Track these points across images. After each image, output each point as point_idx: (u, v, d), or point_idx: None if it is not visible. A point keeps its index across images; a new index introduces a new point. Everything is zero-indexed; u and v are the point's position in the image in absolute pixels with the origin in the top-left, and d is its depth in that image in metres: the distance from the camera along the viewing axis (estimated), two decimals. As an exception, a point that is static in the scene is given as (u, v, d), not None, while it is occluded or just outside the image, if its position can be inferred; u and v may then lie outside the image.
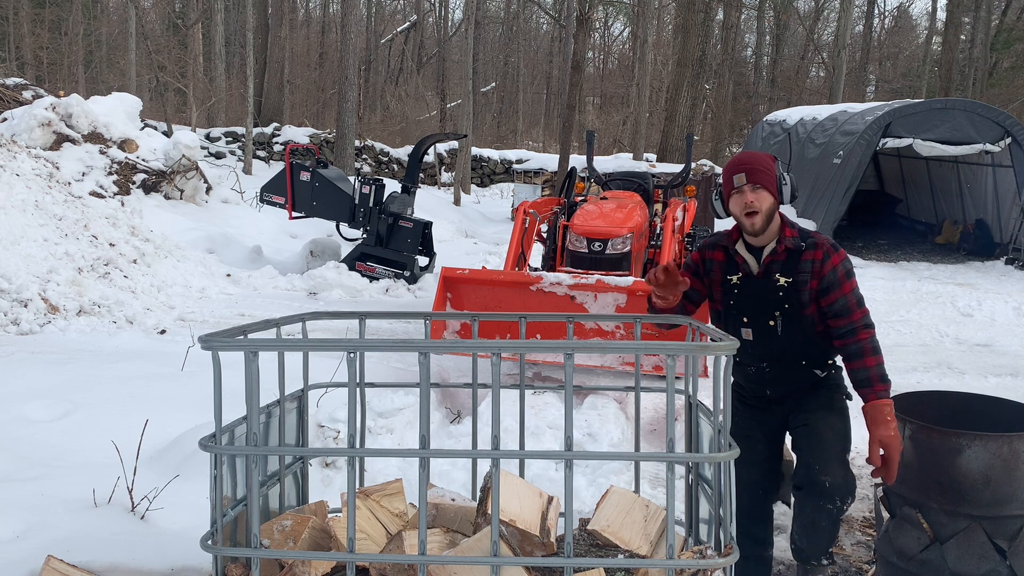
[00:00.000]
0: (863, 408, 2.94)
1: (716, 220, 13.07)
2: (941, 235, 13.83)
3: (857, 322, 2.95)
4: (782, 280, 3.00)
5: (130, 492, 3.30)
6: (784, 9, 31.95)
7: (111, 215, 9.27)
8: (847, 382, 3.09)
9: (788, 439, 3.26)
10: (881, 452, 2.90)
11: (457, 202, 17.27)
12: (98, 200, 9.82)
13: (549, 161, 19.38)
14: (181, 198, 11.53)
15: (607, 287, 5.48)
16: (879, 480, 3.10)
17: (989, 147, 11.82)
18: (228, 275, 9.26)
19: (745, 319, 3.09)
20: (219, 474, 2.28)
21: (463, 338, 5.36)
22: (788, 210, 13.64)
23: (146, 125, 13.90)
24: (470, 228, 14.54)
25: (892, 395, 2.99)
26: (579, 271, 6.05)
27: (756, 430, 3.14)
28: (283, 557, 2.36)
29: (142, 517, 3.23)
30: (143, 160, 11.23)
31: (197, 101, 20.79)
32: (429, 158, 21.46)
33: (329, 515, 2.68)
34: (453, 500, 2.63)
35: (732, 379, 3.11)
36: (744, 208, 2.98)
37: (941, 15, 29.30)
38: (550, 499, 2.44)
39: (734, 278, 3.08)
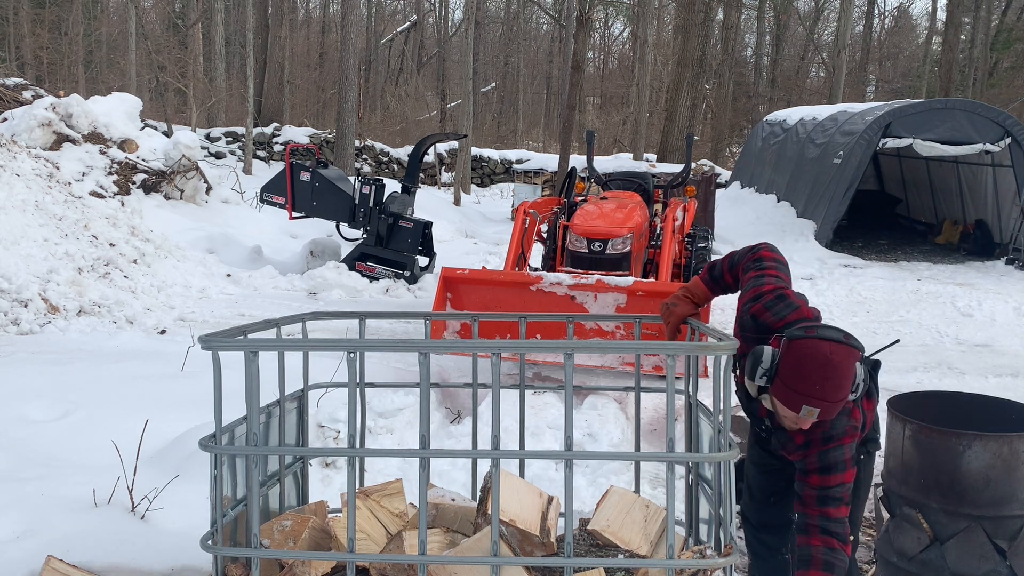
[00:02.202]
0: None
1: (716, 221, 13.08)
2: (941, 235, 13.83)
3: (811, 522, 2.48)
4: (767, 423, 2.68)
5: (130, 492, 3.30)
6: (784, 9, 31.94)
7: (111, 215, 9.27)
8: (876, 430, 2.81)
9: None
10: None
11: (457, 202, 17.27)
12: (98, 200, 9.82)
13: (549, 161, 19.38)
14: (181, 198, 11.52)
15: (607, 287, 5.48)
16: (878, 480, 3.09)
17: (989, 147, 11.82)
18: (228, 275, 9.26)
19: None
20: (219, 474, 2.28)
21: (463, 338, 5.36)
22: (789, 210, 13.65)
23: (146, 125, 13.90)
24: (470, 228, 14.53)
25: (892, 395, 2.97)
26: (579, 271, 6.06)
27: (763, 444, 2.88)
28: (283, 557, 2.36)
29: (142, 517, 3.23)
30: (143, 160, 11.23)
31: (197, 101, 20.77)
32: (429, 158, 21.45)
33: (329, 515, 2.68)
34: (453, 500, 2.63)
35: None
36: (793, 423, 2.46)
37: (941, 15, 29.32)
38: (550, 499, 2.45)
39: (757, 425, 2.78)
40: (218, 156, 19.61)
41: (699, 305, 2.88)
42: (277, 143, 21.14)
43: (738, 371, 2.65)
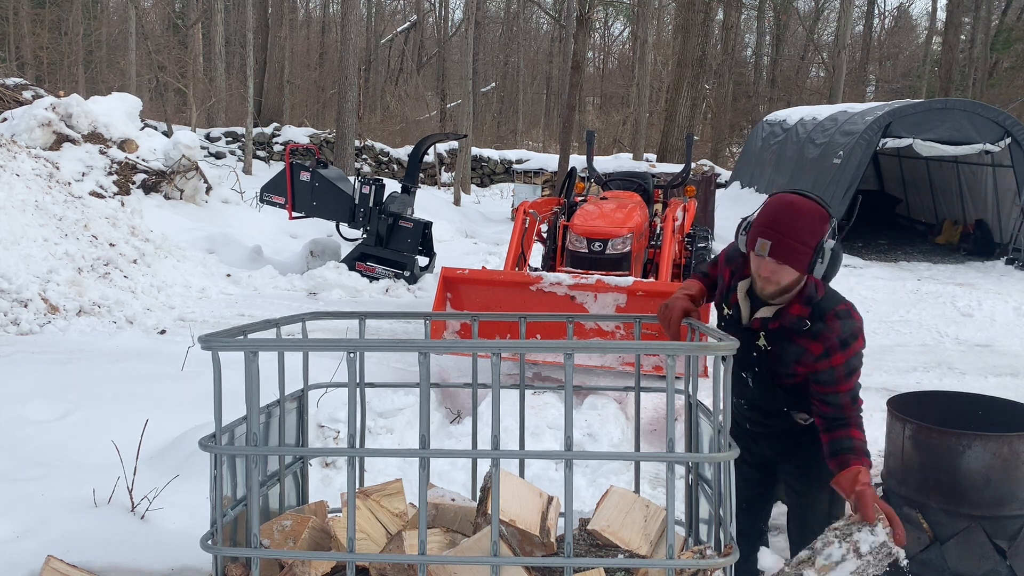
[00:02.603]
0: (841, 476, 2.51)
1: (716, 221, 13.08)
2: (941, 235, 13.83)
3: (849, 414, 2.59)
4: (763, 342, 2.66)
5: (130, 492, 3.30)
6: (784, 9, 31.95)
7: (111, 215, 9.27)
8: None
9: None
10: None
11: (457, 202, 17.27)
12: (98, 200, 9.82)
13: (549, 161, 19.38)
14: (181, 198, 11.53)
15: (607, 287, 5.48)
16: (878, 480, 3.09)
17: (989, 147, 11.82)
18: (228, 275, 9.26)
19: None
20: (219, 474, 2.28)
21: (463, 338, 5.36)
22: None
23: (146, 125, 13.91)
24: (470, 228, 14.53)
25: (892, 395, 2.97)
26: (579, 271, 6.05)
27: (744, 451, 2.71)
28: (283, 557, 2.36)
29: (142, 517, 3.23)
30: (143, 160, 11.23)
31: (197, 101, 20.78)
32: (429, 158, 21.46)
33: (329, 515, 2.68)
34: (453, 500, 2.63)
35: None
36: (760, 273, 2.54)
37: (941, 15, 29.33)
38: (550, 499, 2.44)
39: (726, 308, 2.80)
40: (218, 156, 19.61)
41: (697, 302, 2.88)
42: (277, 143, 21.14)
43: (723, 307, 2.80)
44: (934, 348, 7.52)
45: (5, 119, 11.05)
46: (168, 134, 14.60)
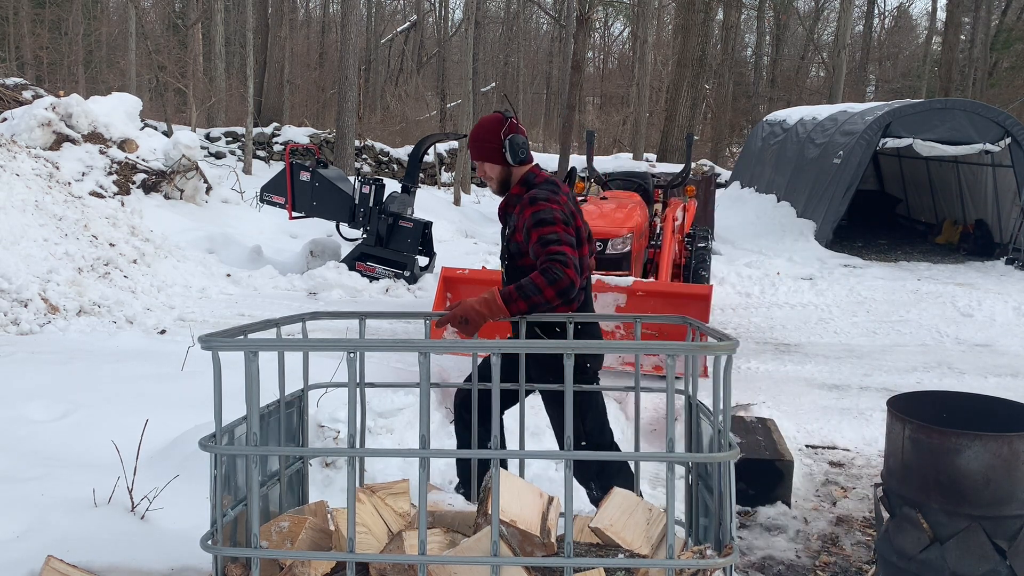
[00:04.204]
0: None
1: (715, 220, 13.08)
2: (941, 235, 13.83)
3: (539, 262, 2.97)
4: (508, 231, 3.24)
5: (130, 492, 3.30)
6: (784, 9, 31.94)
7: (111, 215, 9.27)
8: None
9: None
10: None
11: (457, 202, 17.26)
12: (98, 200, 9.82)
13: (549, 161, 19.35)
14: (181, 198, 11.52)
15: (607, 287, 5.48)
16: (878, 480, 3.10)
17: (989, 147, 11.82)
18: (228, 275, 9.26)
19: (500, 259, 3.40)
20: (219, 474, 2.28)
21: (463, 338, 5.36)
22: (789, 210, 13.64)
23: (146, 125, 13.91)
24: (470, 228, 14.53)
25: (892, 395, 2.97)
26: (579, 271, 6.05)
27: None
28: (283, 557, 2.36)
29: (142, 517, 3.23)
30: (143, 160, 11.23)
31: (197, 101, 20.78)
32: (429, 158, 21.44)
33: (332, 507, 2.69)
34: (451, 505, 2.64)
35: None
36: (480, 177, 3.31)
37: (941, 15, 29.30)
38: (550, 499, 2.45)
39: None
40: (218, 156, 19.60)
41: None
42: (277, 143, 21.13)
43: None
44: (934, 348, 7.52)
45: (5, 119, 11.05)
46: (168, 134, 14.60)
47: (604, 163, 15.89)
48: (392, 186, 10.45)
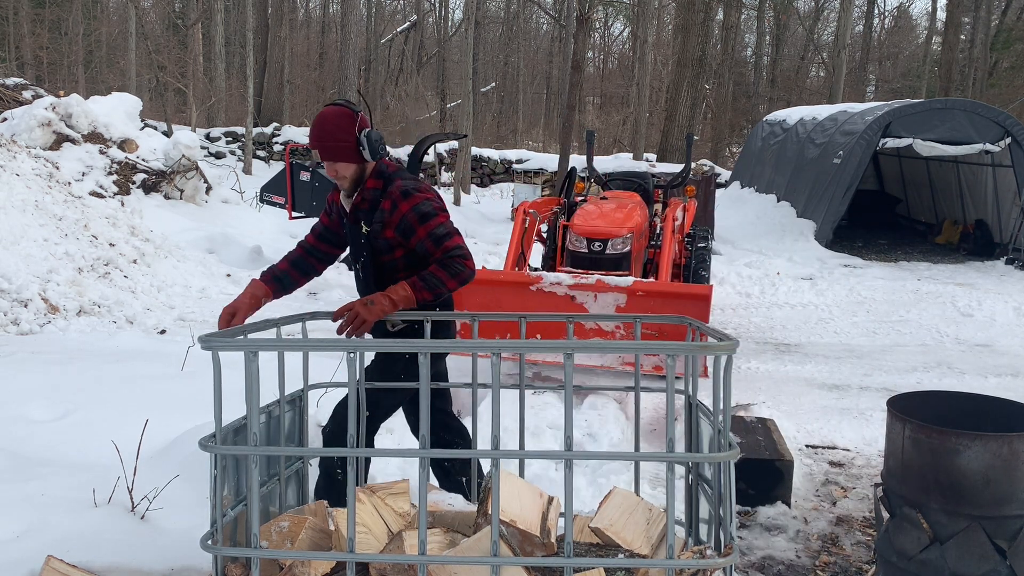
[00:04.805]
0: None
1: (715, 219, 13.08)
2: (941, 235, 13.83)
3: (437, 259, 3.00)
4: (364, 228, 3.07)
5: (130, 492, 3.30)
6: (784, 9, 31.93)
7: (111, 215, 9.27)
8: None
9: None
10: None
11: (457, 202, 17.26)
12: (98, 200, 9.82)
13: (549, 161, 19.37)
14: (181, 198, 11.52)
15: (607, 287, 5.47)
16: (878, 480, 3.10)
17: (989, 147, 11.82)
18: (228, 275, 9.26)
19: (351, 259, 3.25)
20: (219, 474, 2.28)
21: (463, 338, 5.36)
22: (789, 210, 13.64)
23: (146, 125, 13.91)
24: (470, 228, 14.51)
25: (892, 395, 2.97)
26: (579, 271, 6.05)
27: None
28: (283, 557, 2.36)
29: (142, 517, 3.23)
30: (143, 160, 11.23)
31: (197, 101, 20.78)
32: (429, 158, 21.43)
33: (331, 508, 2.69)
34: (451, 505, 2.64)
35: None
36: (331, 177, 3.09)
37: (941, 15, 29.30)
38: (550, 499, 2.44)
39: (344, 219, 3.21)
40: (218, 156, 19.60)
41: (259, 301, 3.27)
42: (277, 143, 21.12)
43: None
44: (934, 348, 7.52)
45: (5, 119, 11.05)
46: (168, 134, 14.60)
47: (604, 163, 15.91)
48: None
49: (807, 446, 5.01)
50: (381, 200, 3.03)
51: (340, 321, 2.94)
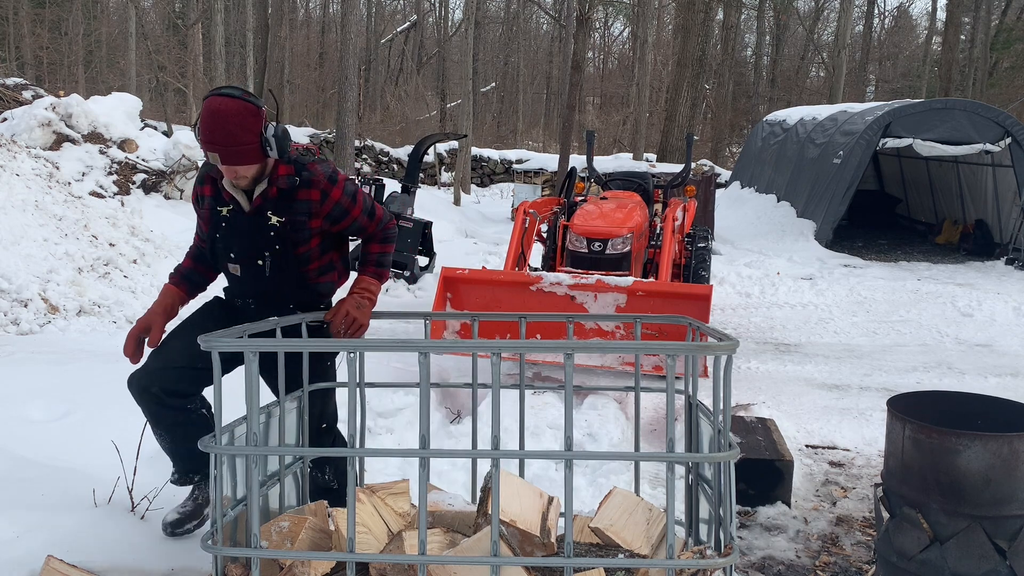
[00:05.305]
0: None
1: (716, 219, 13.08)
2: (941, 235, 13.83)
3: (373, 232, 3.02)
4: (275, 219, 2.83)
5: (130, 492, 3.30)
6: (784, 9, 31.94)
7: (111, 215, 9.27)
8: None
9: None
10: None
11: (457, 202, 17.26)
12: (98, 200, 9.81)
13: (549, 161, 19.37)
14: (181, 198, 11.51)
15: (607, 287, 5.48)
16: (878, 480, 3.10)
17: (989, 147, 11.82)
18: (228, 275, 9.25)
19: (232, 255, 2.97)
20: (219, 474, 2.28)
21: (463, 338, 5.36)
22: (789, 210, 13.64)
23: (146, 125, 13.90)
24: (470, 228, 14.52)
25: (892, 395, 2.97)
26: (579, 271, 6.05)
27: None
28: (283, 557, 2.36)
29: (142, 517, 3.23)
30: (143, 160, 11.23)
31: (197, 101, 20.76)
32: (429, 158, 21.44)
33: (331, 508, 2.69)
34: (451, 505, 2.64)
35: (226, 301, 3.20)
36: (230, 178, 2.78)
37: (941, 15, 29.32)
38: (550, 499, 2.45)
39: (224, 210, 2.90)
40: (218, 156, 19.60)
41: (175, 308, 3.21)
42: (277, 143, 21.12)
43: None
44: (934, 348, 7.52)
45: (5, 119, 11.05)
46: (168, 134, 14.60)
47: (604, 163, 15.90)
48: (392, 186, 10.44)
49: (807, 446, 5.01)
50: (299, 190, 2.82)
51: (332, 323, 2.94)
